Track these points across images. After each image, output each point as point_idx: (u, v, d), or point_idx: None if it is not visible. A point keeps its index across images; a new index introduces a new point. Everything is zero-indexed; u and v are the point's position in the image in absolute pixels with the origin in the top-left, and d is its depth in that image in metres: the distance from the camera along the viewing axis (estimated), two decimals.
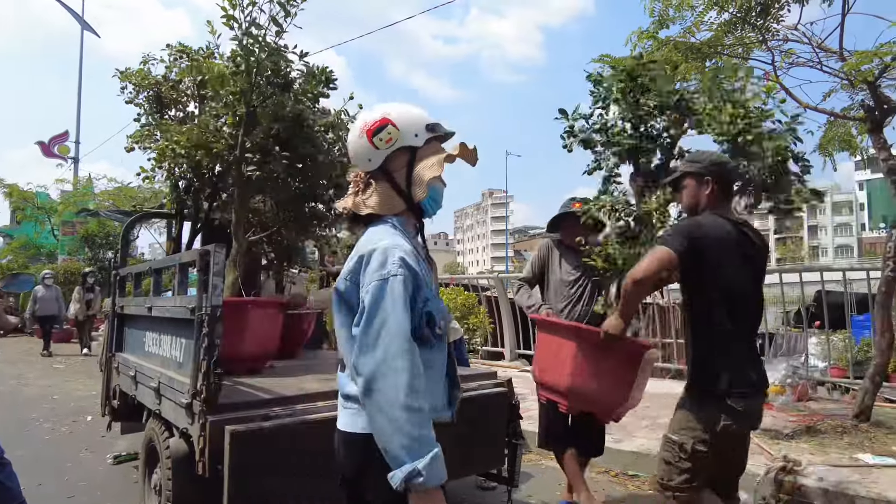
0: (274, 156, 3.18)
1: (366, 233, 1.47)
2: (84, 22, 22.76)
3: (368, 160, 1.49)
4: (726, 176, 2.24)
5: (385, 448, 1.25)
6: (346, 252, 5.30)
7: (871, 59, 3.96)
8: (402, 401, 1.24)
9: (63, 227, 19.22)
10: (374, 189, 1.49)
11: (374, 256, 1.35)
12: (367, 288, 1.32)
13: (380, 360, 1.26)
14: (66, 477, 4.02)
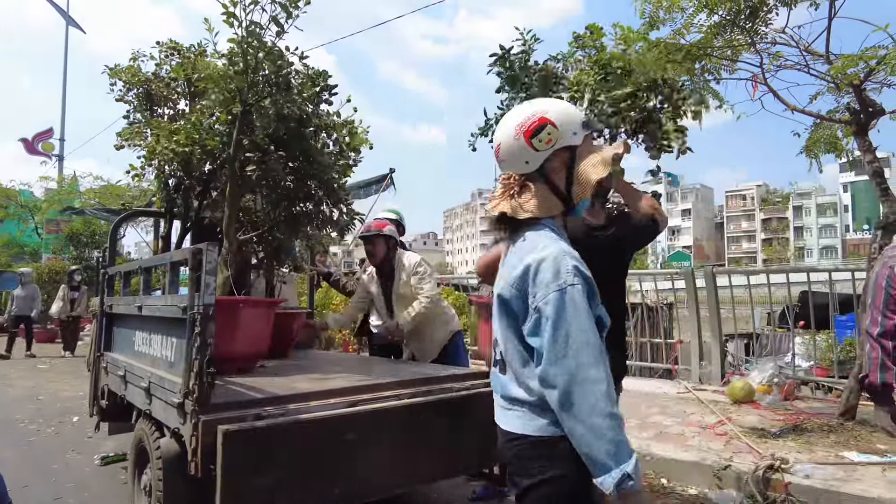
0: (272, 156, 3.17)
1: (526, 239, 1.44)
2: (69, 18, 22.46)
3: (525, 162, 1.45)
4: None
5: (589, 455, 1.28)
6: (332, 254, 5.26)
7: (856, 63, 4.02)
8: (602, 409, 1.27)
9: (47, 225, 18.97)
10: (532, 192, 1.46)
11: (543, 266, 1.35)
12: (546, 299, 1.33)
13: (573, 371, 1.29)
14: (52, 478, 3.97)
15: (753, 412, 4.92)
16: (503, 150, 1.48)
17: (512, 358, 1.43)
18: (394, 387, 2.78)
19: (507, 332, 1.44)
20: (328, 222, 3.65)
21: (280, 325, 3.64)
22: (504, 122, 1.50)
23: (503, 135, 1.48)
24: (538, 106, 1.47)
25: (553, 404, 1.32)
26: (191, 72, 3.69)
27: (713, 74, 5.00)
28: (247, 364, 3.17)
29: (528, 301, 1.37)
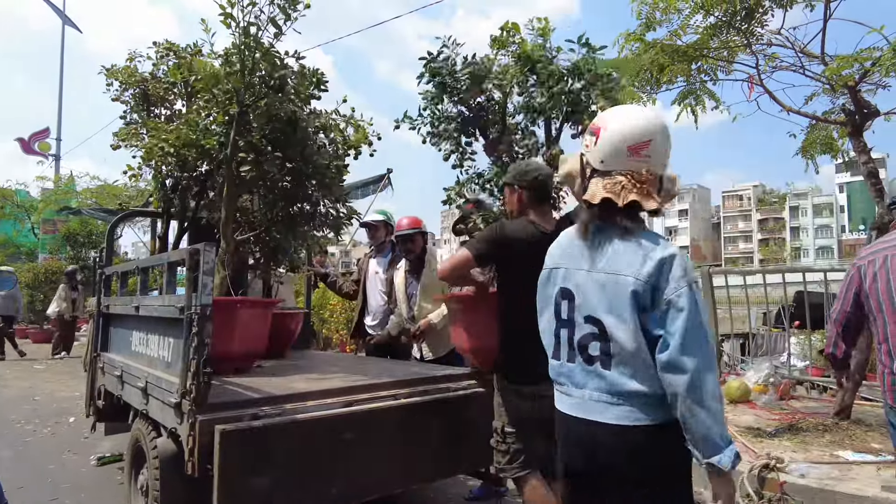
0: (268, 156, 3.17)
1: (644, 237, 1.52)
2: (65, 17, 22.41)
3: (664, 165, 1.58)
4: (532, 183, 2.45)
5: (706, 437, 1.39)
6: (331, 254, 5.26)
7: (851, 64, 4.05)
8: (720, 395, 1.42)
9: (43, 225, 18.90)
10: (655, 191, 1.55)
11: (676, 262, 1.46)
12: (679, 293, 1.43)
13: (704, 359, 1.39)
14: (48, 479, 3.96)
15: (749, 412, 4.94)
16: (654, 148, 1.54)
17: (635, 351, 1.46)
18: (390, 387, 2.79)
19: (633, 326, 1.46)
20: (325, 222, 3.65)
21: (277, 326, 3.65)
22: (650, 119, 1.56)
23: (655, 133, 1.54)
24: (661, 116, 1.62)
25: (678, 389, 1.40)
26: (187, 73, 3.68)
27: (709, 75, 5.03)
28: (244, 364, 3.17)
29: (657, 294, 1.46)
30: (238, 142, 3.16)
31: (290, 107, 3.26)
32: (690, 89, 5.16)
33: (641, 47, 4.85)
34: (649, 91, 5.11)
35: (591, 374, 1.53)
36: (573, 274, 1.60)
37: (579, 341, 1.56)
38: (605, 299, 1.51)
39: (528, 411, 2.32)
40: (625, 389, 1.48)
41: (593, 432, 1.52)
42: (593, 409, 1.52)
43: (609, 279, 1.51)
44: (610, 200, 1.51)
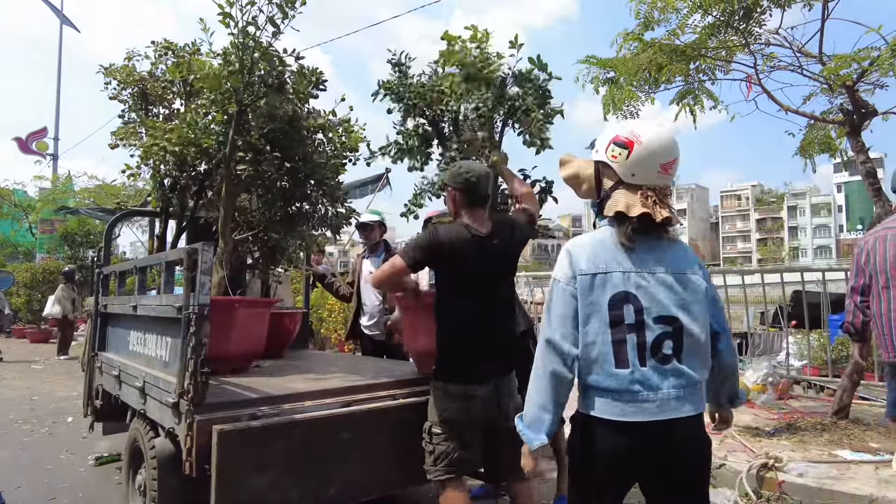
0: (266, 155, 3.16)
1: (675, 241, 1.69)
2: (63, 16, 22.37)
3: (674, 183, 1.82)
4: (463, 185, 2.46)
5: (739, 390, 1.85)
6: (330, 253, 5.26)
7: (849, 64, 4.05)
8: None
9: (41, 224, 18.86)
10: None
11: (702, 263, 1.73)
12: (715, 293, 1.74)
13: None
14: (46, 479, 3.95)
15: (748, 411, 4.94)
16: (676, 168, 1.66)
17: (705, 342, 1.61)
18: (389, 387, 2.78)
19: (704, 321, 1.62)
20: (324, 222, 3.65)
21: (275, 325, 3.65)
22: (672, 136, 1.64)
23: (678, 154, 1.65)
24: None
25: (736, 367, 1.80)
26: (186, 72, 3.67)
27: (708, 75, 5.03)
28: (242, 364, 3.17)
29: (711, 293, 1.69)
30: (237, 141, 3.15)
31: (289, 106, 3.26)
32: (689, 89, 5.16)
33: (640, 46, 4.85)
34: (647, 91, 5.11)
35: (664, 373, 1.55)
36: (632, 276, 1.57)
37: (652, 343, 1.55)
38: (676, 298, 1.58)
39: (455, 411, 2.34)
40: (697, 378, 1.59)
41: (669, 431, 1.54)
42: (671, 408, 1.54)
43: (679, 279, 1.61)
44: (648, 215, 1.58)
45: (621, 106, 5.09)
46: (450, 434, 2.35)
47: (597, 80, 5.17)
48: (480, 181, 2.47)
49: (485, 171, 2.55)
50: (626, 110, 5.10)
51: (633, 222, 1.58)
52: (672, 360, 1.55)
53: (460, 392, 2.34)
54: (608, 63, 5.04)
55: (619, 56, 5.02)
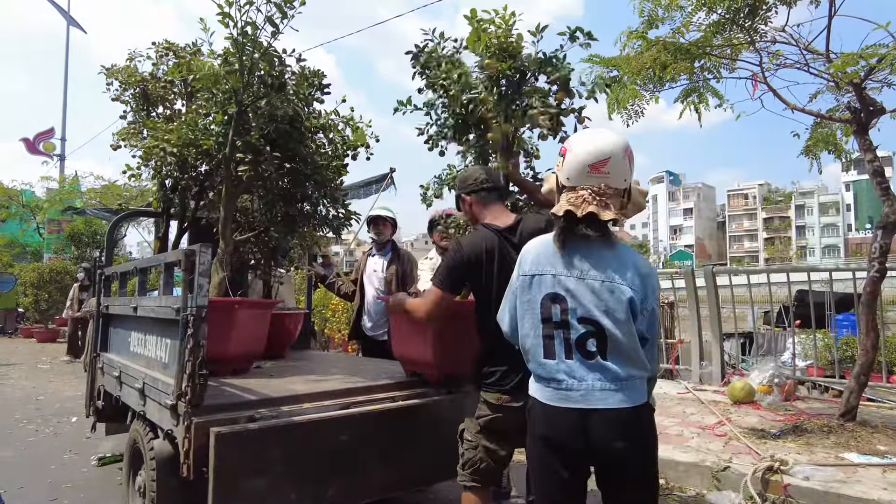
0: (266, 156, 3.15)
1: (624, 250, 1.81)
2: (70, 17, 22.50)
3: (624, 180, 1.77)
4: (475, 188, 2.44)
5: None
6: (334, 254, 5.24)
7: (856, 61, 3.99)
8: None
9: (48, 225, 18.98)
10: (621, 204, 1.76)
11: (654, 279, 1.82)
12: (657, 302, 1.78)
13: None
14: (49, 479, 3.96)
15: (753, 413, 4.90)
16: (613, 165, 1.73)
17: (630, 345, 1.71)
18: (388, 388, 2.77)
19: (628, 327, 1.71)
20: (324, 222, 3.63)
21: (277, 326, 3.64)
22: (609, 140, 1.76)
23: (613, 152, 1.74)
24: (620, 136, 1.79)
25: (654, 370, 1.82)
26: (186, 72, 3.67)
27: (713, 73, 4.98)
28: (242, 365, 3.16)
29: (644, 304, 1.74)
30: (237, 142, 3.14)
31: (290, 107, 3.25)
32: (694, 87, 5.11)
33: (644, 45, 4.80)
34: (652, 89, 5.06)
35: (590, 367, 1.71)
36: (562, 279, 1.75)
37: (576, 340, 1.72)
38: (599, 302, 1.71)
39: (487, 421, 2.27)
40: (625, 375, 1.70)
41: (594, 419, 1.69)
42: (595, 398, 1.70)
43: (604, 286, 1.72)
44: (571, 212, 1.71)
45: (625, 105, 5.05)
46: (479, 443, 2.30)
47: (600, 76, 5.13)
48: (490, 176, 2.46)
49: (490, 170, 2.51)
50: (630, 109, 5.05)
51: (560, 223, 1.76)
52: (596, 356, 1.71)
53: (494, 402, 2.25)
54: (612, 62, 4.99)
55: (622, 55, 4.98)
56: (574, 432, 1.71)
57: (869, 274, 4.37)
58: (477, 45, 2.74)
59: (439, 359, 2.75)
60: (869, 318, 4.33)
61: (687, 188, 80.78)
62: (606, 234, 1.75)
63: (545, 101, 2.76)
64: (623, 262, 1.75)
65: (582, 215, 1.70)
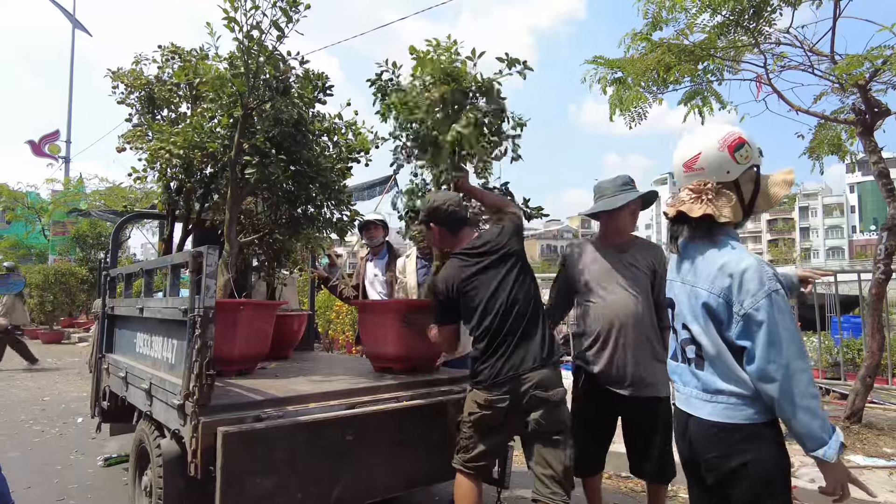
0: (271, 159, 3.17)
1: (719, 246, 1.65)
2: (76, 21, 22.60)
3: (727, 172, 1.66)
4: (444, 218, 2.60)
5: (807, 433, 1.51)
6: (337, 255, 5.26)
7: (861, 63, 3.99)
8: (813, 392, 1.51)
9: (54, 227, 19.06)
10: (727, 199, 1.66)
11: (747, 276, 1.55)
12: (756, 306, 1.53)
13: (788, 365, 1.50)
14: (55, 480, 3.98)
15: None
16: (704, 159, 1.67)
17: (717, 356, 1.61)
18: (393, 389, 2.78)
19: (712, 334, 1.62)
20: (328, 224, 3.65)
21: (281, 327, 3.65)
22: (702, 135, 1.71)
23: (703, 146, 1.68)
24: (731, 127, 1.70)
25: (773, 394, 1.52)
26: (192, 76, 3.69)
27: (716, 76, 4.98)
28: (247, 366, 3.17)
29: (734, 308, 1.56)
30: (242, 144, 3.16)
31: (295, 110, 3.27)
32: (697, 90, 5.11)
33: (648, 47, 4.81)
34: (656, 91, 5.06)
35: (691, 373, 1.71)
36: (672, 285, 1.79)
37: (681, 344, 1.74)
38: (691, 308, 1.68)
39: (478, 416, 2.42)
40: (718, 387, 1.61)
41: (692, 425, 1.69)
42: (693, 405, 1.69)
43: (691, 291, 1.68)
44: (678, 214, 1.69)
45: (629, 107, 5.05)
46: (469, 433, 2.46)
47: (604, 80, 5.14)
48: (460, 208, 2.64)
49: (457, 197, 2.68)
50: (633, 111, 5.06)
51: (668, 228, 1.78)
52: (693, 363, 1.69)
53: (481, 401, 2.41)
54: (616, 63, 5.00)
55: (626, 56, 4.98)
56: (681, 433, 1.75)
57: (874, 276, 4.36)
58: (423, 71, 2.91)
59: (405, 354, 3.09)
60: (875, 320, 4.32)
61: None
62: (709, 233, 1.67)
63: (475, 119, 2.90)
64: (709, 262, 1.64)
65: (672, 216, 1.71)
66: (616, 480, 3.86)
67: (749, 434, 1.58)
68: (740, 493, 1.60)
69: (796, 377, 1.49)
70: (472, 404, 2.46)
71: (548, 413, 2.35)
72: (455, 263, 2.55)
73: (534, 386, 2.34)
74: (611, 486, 3.79)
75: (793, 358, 1.50)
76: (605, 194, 2.67)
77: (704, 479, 1.67)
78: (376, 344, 3.23)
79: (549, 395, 2.35)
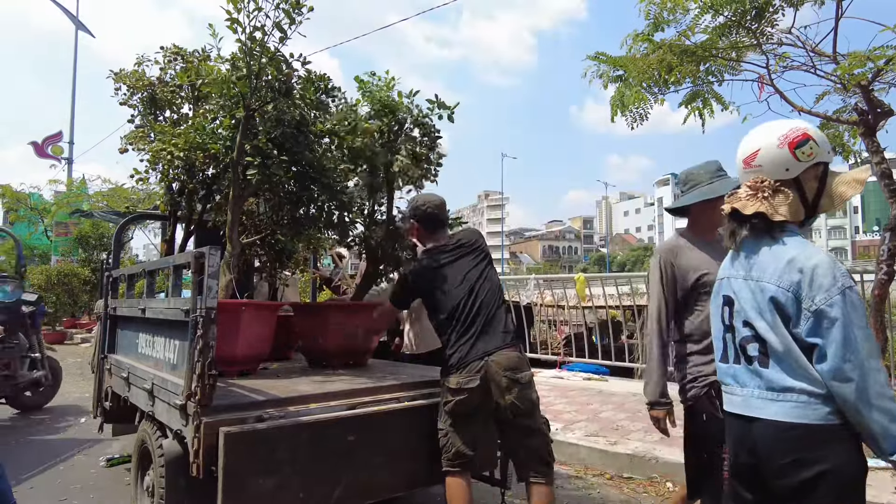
0: (273, 160, 3.17)
1: (785, 243, 1.59)
2: (78, 21, 22.67)
3: (786, 170, 1.61)
4: (422, 216, 2.88)
5: (882, 435, 1.43)
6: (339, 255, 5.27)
7: (864, 63, 3.98)
8: (888, 393, 1.44)
9: (56, 227, 19.10)
10: (786, 197, 1.61)
11: (819, 272, 1.50)
12: (830, 302, 1.47)
13: (863, 363, 1.44)
14: (58, 480, 3.99)
15: None
16: (763, 156, 1.63)
17: (786, 352, 1.53)
18: (394, 389, 2.78)
19: (780, 330, 1.55)
20: (330, 225, 3.65)
21: (282, 328, 3.66)
22: (762, 132, 1.66)
23: (763, 142, 1.64)
24: (797, 123, 1.64)
25: (848, 395, 1.44)
26: (194, 77, 3.70)
27: (717, 77, 4.97)
28: (249, 366, 3.18)
29: (804, 304, 1.50)
30: (244, 145, 3.17)
31: (297, 111, 3.27)
32: (698, 92, 5.10)
33: (649, 48, 4.80)
34: (657, 92, 5.05)
35: (752, 373, 1.61)
36: (732, 282, 1.71)
37: (740, 343, 1.65)
38: (755, 303, 1.61)
39: (451, 405, 2.56)
40: (782, 385, 1.54)
41: (757, 428, 1.58)
42: (755, 406, 1.59)
43: (757, 285, 1.61)
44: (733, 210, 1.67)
45: (630, 107, 5.05)
46: (447, 428, 2.58)
47: (605, 75, 5.13)
48: (440, 210, 2.90)
49: (440, 200, 2.92)
50: (634, 112, 5.05)
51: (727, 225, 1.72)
52: (755, 362, 1.61)
53: (453, 385, 2.55)
54: (617, 61, 4.99)
55: (629, 55, 4.98)
56: (738, 440, 1.65)
57: (877, 276, 4.34)
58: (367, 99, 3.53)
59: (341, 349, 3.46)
60: (877, 321, 4.31)
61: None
62: (769, 230, 1.62)
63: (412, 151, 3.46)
64: (777, 256, 1.59)
65: (727, 213, 1.69)
66: (618, 482, 3.86)
67: (827, 437, 1.48)
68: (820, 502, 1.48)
69: (871, 376, 1.43)
70: (445, 394, 2.60)
71: (520, 394, 2.49)
72: (425, 258, 2.84)
73: (503, 368, 2.50)
74: (612, 486, 3.79)
75: (867, 357, 1.44)
76: (701, 181, 2.38)
77: (772, 489, 1.56)
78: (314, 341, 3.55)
79: (520, 377, 2.52)
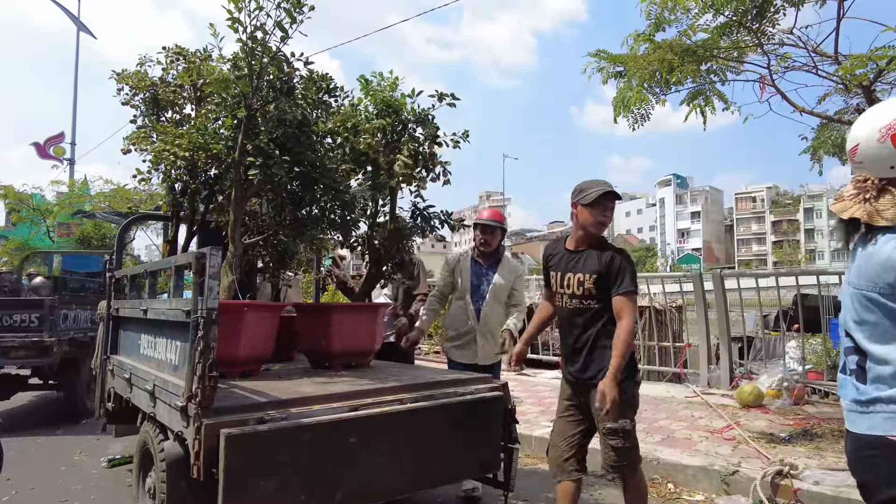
0: (275, 160, 3.17)
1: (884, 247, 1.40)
2: (80, 23, 22.70)
3: (891, 167, 1.42)
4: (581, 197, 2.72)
5: None
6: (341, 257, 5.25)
7: (865, 63, 3.97)
8: None
9: (58, 228, 19.10)
10: (891, 199, 1.43)
11: None
12: None
13: None
14: (59, 481, 3.99)
15: (762, 416, 4.87)
16: (862, 152, 1.46)
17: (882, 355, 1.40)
18: (397, 391, 2.77)
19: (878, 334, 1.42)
20: (333, 226, 3.65)
21: (285, 329, 3.65)
22: (864, 122, 1.47)
23: (863, 136, 1.45)
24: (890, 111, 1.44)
25: None
26: (196, 77, 3.70)
27: (719, 76, 4.97)
28: (251, 367, 3.17)
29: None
30: (246, 146, 3.17)
31: (298, 111, 3.27)
32: (700, 90, 5.10)
33: (650, 47, 4.80)
34: (658, 93, 5.05)
35: (849, 384, 1.50)
36: (844, 287, 1.57)
37: (845, 353, 1.54)
38: (853, 312, 1.48)
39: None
40: (870, 397, 1.42)
41: (849, 442, 1.50)
42: (850, 419, 1.49)
43: (853, 293, 1.48)
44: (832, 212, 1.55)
45: (630, 108, 5.05)
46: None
47: (606, 70, 5.13)
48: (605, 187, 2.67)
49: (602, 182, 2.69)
50: (636, 112, 5.05)
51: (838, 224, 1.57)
52: (854, 373, 1.49)
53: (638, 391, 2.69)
54: (618, 59, 5.00)
55: (630, 53, 4.98)
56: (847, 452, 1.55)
57: None
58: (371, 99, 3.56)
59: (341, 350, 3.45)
60: None
61: (695, 191, 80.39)
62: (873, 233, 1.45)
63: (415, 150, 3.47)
64: (870, 260, 1.42)
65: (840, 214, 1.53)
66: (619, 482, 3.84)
67: None
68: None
69: None
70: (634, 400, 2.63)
71: None
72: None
73: None
74: (612, 486, 3.77)
75: None
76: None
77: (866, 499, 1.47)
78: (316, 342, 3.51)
79: None
